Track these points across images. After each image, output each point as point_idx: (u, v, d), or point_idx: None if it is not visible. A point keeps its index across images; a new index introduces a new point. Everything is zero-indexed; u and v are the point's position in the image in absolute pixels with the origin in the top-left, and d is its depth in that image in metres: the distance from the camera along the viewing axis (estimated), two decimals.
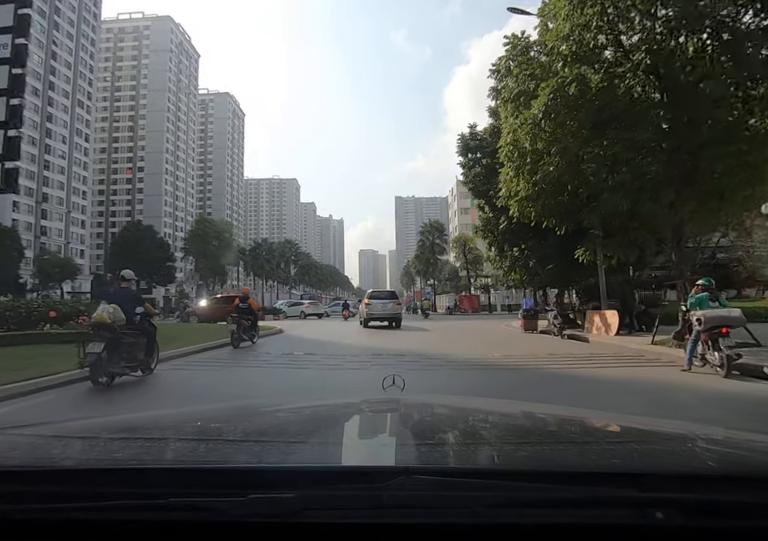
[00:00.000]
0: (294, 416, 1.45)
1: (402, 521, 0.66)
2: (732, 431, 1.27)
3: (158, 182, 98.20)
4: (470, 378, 7.31)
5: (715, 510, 0.66)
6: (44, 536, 0.69)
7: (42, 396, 5.68)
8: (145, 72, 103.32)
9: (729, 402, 5.18)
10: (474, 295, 44.32)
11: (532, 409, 1.65)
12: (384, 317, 19.03)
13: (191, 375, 7.63)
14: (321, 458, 0.90)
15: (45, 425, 1.23)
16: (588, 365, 8.40)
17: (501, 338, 14.59)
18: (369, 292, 20.89)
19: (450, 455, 0.97)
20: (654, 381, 6.52)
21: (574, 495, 0.67)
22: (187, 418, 1.40)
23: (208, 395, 5.72)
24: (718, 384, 6.20)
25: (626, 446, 1.03)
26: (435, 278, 53.24)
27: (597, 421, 1.37)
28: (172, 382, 7.04)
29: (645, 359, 8.87)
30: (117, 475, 0.73)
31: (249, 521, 0.65)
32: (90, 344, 5.93)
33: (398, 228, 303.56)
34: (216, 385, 6.78)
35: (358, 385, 6.75)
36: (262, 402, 2.57)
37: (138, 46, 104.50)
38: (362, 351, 10.61)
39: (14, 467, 0.78)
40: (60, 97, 72.11)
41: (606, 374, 7.16)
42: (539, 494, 0.67)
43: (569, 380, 6.91)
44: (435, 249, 51.43)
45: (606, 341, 11.85)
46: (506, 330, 17.50)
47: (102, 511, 0.67)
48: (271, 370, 8.40)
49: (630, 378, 6.77)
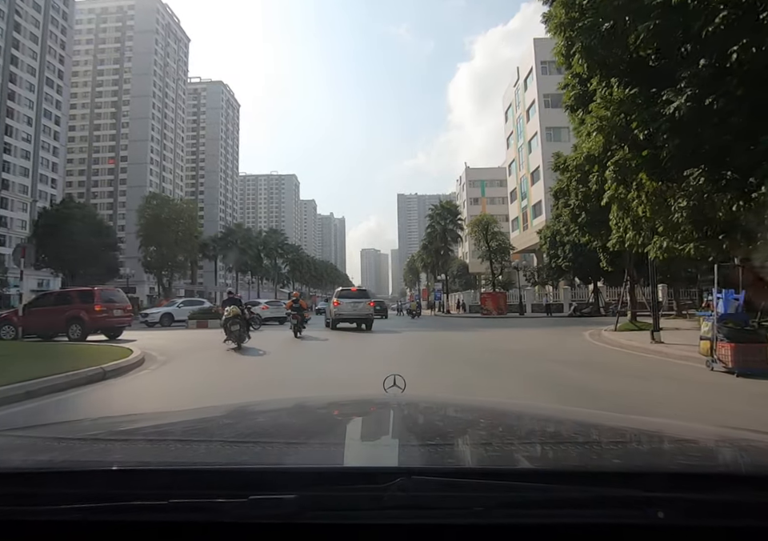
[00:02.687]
0: (295, 416, 1.44)
1: (404, 522, 0.66)
2: (734, 431, 1.23)
3: (142, 172, 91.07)
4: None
5: (717, 510, 0.65)
6: (45, 537, 0.69)
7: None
8: (129, 54, 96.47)
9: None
10: (500, 292, 34.58)
11: (533, 409, 1.65)
12: (354, 318, 17.62)
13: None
14: (322, 459, 0.91)
15: (45, 426, 1.21)
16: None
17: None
18: (338, 290, 19.17)
19: (451, 456, 0.96)
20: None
21: (575, 495, 0.67)
22: (187, 419, 1.38)
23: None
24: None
25: (627, 445, 1.03)
26: (447, 273, 44.27)
27: (598, 421, 1.36)
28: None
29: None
30: (117, 476, 0.72)
31: (250, 522, 0.65)
32: (233, 326, 10.90)
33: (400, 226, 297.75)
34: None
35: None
36: (262, 402, 2.35)
37: (122, 27, 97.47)
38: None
39: (14, 469, 0.77)
40: (25, 73, 64.77)
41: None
42: (540, 494, 0.67)
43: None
44: (448, 236, 41.91)
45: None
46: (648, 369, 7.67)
47: (102, 512, 0.67)
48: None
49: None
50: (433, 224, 43.68)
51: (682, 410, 4.51)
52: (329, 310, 18.95)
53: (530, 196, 41.87)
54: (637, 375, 7.01)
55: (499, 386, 6.00)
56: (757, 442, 1.03)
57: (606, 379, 6.60)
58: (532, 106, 41.24)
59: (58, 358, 8.07)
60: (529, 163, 41.97)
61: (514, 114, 46.88)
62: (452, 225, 42.69)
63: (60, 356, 8.39)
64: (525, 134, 43.27)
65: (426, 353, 10.36)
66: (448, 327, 20.40)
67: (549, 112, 39.20)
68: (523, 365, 8.02)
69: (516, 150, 46.10)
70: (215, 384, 6.56)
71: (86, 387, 6.17)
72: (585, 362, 8.42)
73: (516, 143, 46.20)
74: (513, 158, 47.54)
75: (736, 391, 5.83)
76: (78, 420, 1.43)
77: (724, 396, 5.57)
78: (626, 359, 9.03)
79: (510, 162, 48.88)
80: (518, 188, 45.72)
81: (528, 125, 42.38)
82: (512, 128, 47.60)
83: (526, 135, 42.93)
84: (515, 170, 46.83)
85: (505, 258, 38.49)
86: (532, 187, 41.45)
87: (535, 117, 40.31)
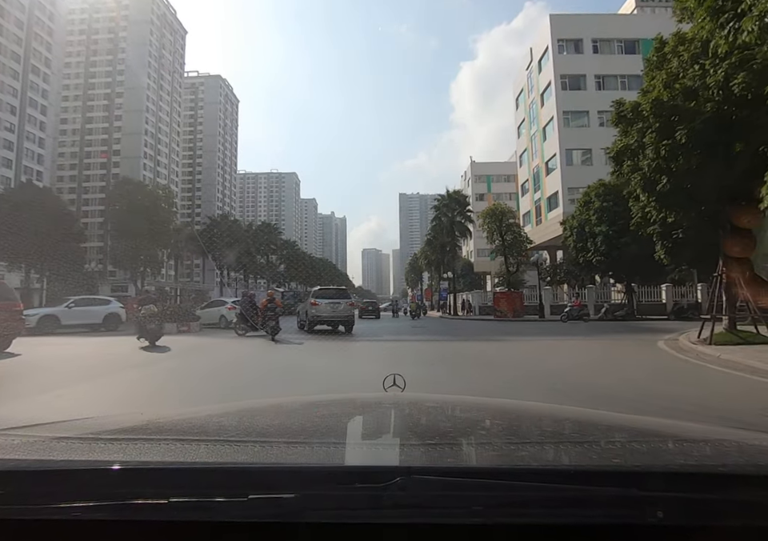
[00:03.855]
0: (295, 415, 1.43)
1: (404, 521, 0.66)
2: (734, 430, 1.23)
3: (135, 167, 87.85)
4: None
5: (716, 510, 0.65)
6: (44, 537, 0.69)
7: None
8: (123, 45, 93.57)
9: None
10: (516, 292, 29.88)
11: (533, 408, 1.64)
12: (334, 320, 16.30)
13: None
14: (321, 458, 0.91)
15: (45, 426, 1.20)
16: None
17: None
18: (315, 289, 17.80)
19: (452, 455, 0.96)
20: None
21: (574, 495, 0.67)
22: (187, 418, 1.38)
23: None
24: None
25: (626, 445, 1.02)
26: (453, 270, 38.81)
27: (598, 420, 1.35)
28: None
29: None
30: (117, 475, 0.72)
31: (249, 521, 0.65)
32: (150, 324, 10.86)
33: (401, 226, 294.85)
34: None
35: None
36: (262, 401, 2.34)
37: (116, 17, 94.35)
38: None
39: (14, 468, 0.77)
40: (8, 60, 61.55)
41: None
42: (540, 494, 0.67)
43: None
44: (456, 229, 36.93)
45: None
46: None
47: (102, 511, 0.67)
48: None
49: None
50: (439, 216, 38.82)
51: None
52: (304, 311, 17.32)
53: (545, 187, 38.38)
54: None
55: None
56: (756, 441, 1.02)
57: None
58: (547, 89, 37.77)
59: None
60: (543, 152, 38.48)
61: (525, 99, 43.39)
62: (460, 217, 37.79)
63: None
64: (539, 120, 39.79)
65: (442, 380, 6.65)
66: (461, 334, 16.89)
67: (566, 95, 35.78)
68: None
69: (528, 139, 42.60)
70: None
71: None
72: (732, 411, 4.77)
73: (528, 131, 42.70)
74: (524, 148, 44.03)
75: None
76: (77, 420, 1.38)
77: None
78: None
79: (522, 152, 45.36)
80: (531, 179, 42.20)
81: (542, 110, 38.91)
82: (523, 115, 44.08)
83: (540, 121, 39.46)
84: (527, 160, 43.32)
85: (521, 254, 34.26)
86: (547, 177, 37.96)
87: (551, 101, 36.84)
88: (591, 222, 21.30)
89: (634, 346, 11.67)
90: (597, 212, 21.09)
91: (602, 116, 35.66)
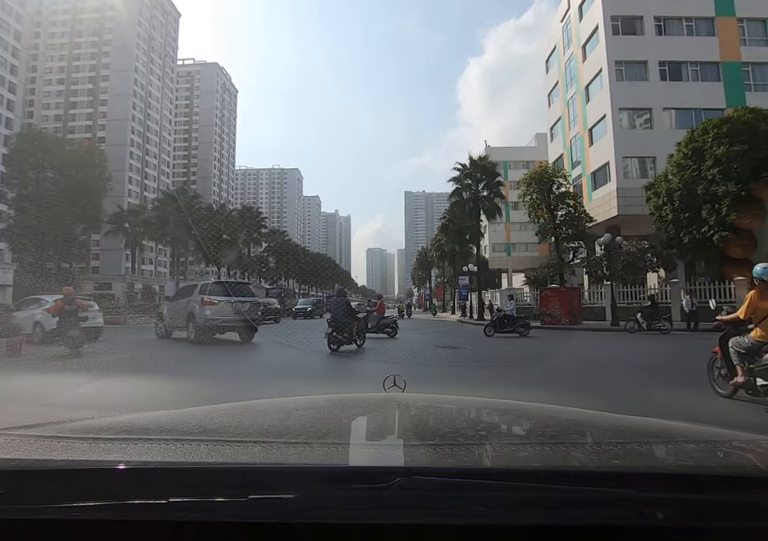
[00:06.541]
0: (295, 415, 1.42)
1: (404, 522, 0.66)
2: (733, 432, 1.21)
3: (120, 155, 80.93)
4: None
5: (716, 511, 0.65)
6: (44, 536, 0.69)
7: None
8: (110, 25, 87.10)
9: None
10: (572, 289, 21.67)
11: (533, 409, 1.62)
12: (234, 325, 12.53)
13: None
14: (321, 459, 0.91)
15: (45, 426, 1.20)
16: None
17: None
18: (209, 284, 13.44)
19: (451, 456, 0.95)
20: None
21: (574, 495, 0.67)
22: (187, 418, 1.37)
23: None
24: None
25: (627, 446, 1.02)
26: (478, 262, 28.93)
27: (598, 421, 1.34)
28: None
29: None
30: (117, 475, 0.72)
31: (249, 521, 0.65)
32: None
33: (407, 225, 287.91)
34: None
35: None
36: (262, 401, 2.17)
37: None
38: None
39: (14, 468, 0.77)
40: None
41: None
42: (540, 495, 0.66)
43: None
44: (483, 207, 27.21)
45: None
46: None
47: (101, 511, 0.67)
48: None
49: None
50: (460, 190, 28.72)
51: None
52: (187, 312, 12.93)
53: (587, 161, 30.97)
54: None
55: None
56: (755, 443, 1.02)
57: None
58: (592, 37, 30.36)
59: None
60: (586, 116, 31.05)
61: (559, 58, 35.98)
62: (487, 190, 27.88)
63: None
64: (578, 79, 32.39)
65: None
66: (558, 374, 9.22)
67: (619, 41, 28.31)
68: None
69: (564, 105, 35.19)
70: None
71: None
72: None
73: (563, 96, 35.31)
74: (558, 116, 36.62)
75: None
76: (77, 420, 1.38)
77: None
78: None
79: (554, 123, 37.95)
80: (567, 154, 34.76)
81: (584, 65, 31.51)
82: (556, 78, 36.67)
83: (580, 81, 32.07)
84: (562, 130, 35.89)
85: (578, 234, 24.35)
86: (590, 148, 30.55)
87: (597, 51, 29.42)
88: (708, 179, 13.79)
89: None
90: (718, 163, 13.54)
91: (664, 67, 28.40)
